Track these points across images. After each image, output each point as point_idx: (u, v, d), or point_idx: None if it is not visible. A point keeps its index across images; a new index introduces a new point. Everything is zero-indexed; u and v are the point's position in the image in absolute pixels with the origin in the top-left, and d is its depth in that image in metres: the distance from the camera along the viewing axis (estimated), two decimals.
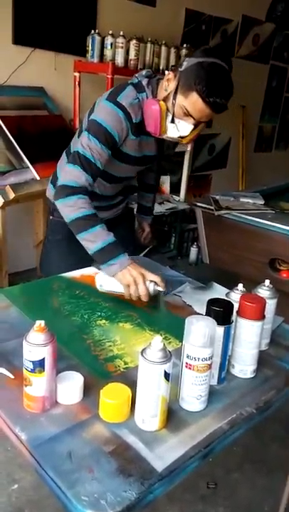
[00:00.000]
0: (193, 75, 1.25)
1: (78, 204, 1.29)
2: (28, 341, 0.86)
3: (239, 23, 4.17)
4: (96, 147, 1.32)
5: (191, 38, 3.64)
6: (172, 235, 3.87)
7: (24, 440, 0.84)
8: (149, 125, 1.36)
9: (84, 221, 1.29)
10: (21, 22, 2.67)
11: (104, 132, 1.33)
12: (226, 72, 1.28)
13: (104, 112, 1.35)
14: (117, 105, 1.34)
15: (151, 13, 3.34)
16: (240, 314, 1.02)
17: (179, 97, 1.30)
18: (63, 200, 1.31)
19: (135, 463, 0.80)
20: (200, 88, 1.24)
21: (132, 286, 1.25)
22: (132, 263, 1.27)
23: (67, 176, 1.33)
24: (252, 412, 0.96)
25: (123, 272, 1.26)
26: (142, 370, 0.86)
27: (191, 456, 0.84)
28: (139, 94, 1.36)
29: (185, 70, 1.28)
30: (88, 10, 2.98)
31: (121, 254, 1.27)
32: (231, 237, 2.31)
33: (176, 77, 1.30)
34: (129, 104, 1.34)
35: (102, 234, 1.29)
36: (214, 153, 4.52)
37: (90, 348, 1.12)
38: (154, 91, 1.38)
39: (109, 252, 1.27)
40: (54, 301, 1.34)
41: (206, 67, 1.25)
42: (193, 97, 1.27)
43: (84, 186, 1.32)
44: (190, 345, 0.89)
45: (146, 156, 1.50)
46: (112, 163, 1.44)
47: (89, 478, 0.76)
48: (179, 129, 1.34)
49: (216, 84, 1.25)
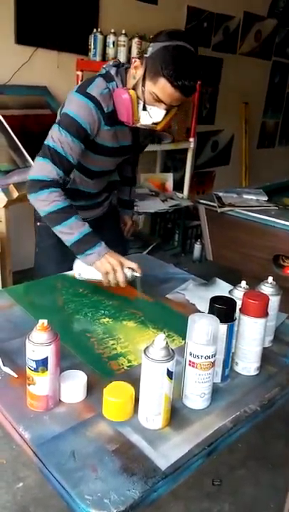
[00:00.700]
0: (160, 60, 1.23)
1: (51, 197, 1.30)
2: (31, 340, 0.86)
3: (241, 20, 4.15)
4: (67, 140, 1.31)
5: (192, 35, 3.62)
6: (176, 232, 3.87)
7: (28, 439, 0.84)
8: (121, 115, 1.35)
9: (58, 214, 1.30)
10: (24, 22, 2.67)
11: (75, 125, 1.31)
12: (192, 54, 1.27)
13: (75, 104, 1.33)
14: (86, 96, 1.32)
15: (153, 10, 3.32)
16: (243, 312, 1.01)
17: (148, 84, 1.29)
18: (36, 195, 1.31)
19: (139, 461, 0.80)
20: (167, 73, 1.23)
21: (111, 274, 1.29)
22: (108, 251, 1.31)
23: (38, 170, 1.32)
24: (256, 409, 0.96)
25: (101, 261, 1.29)
26: (145, 368, 0.86)
27: (195, 454, 0.84)
28: (108, 83, 1.34)
29: (151, 55, 1.26)
30: (90, 9, 2.97)
31: (98, 243, 1.30)
32: (235, 233, 2.30)
33: (143, 64, 1.29)
34: (99, 94, 1.32)
35: (77, 225, 1.31)
36: (217, 150, 4.50)
37: (93, 347, 1.12)
38: (123, 80, 1.37)
39: (86, 242, 1.30)
40: (58, 299, 1.34)
41: (171, 50, 1.23)
42: (161, 82, 1.25)
43: (55, 180, 1.31)
44: (193, 343, 0.89)
45: (123, 147, 1.49)
46: (89, 157, 1.43)
47: (92, 477, 0.77)
48: (151, 116, 1.33)
49: (183, 68, 1.23)
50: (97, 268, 1.31)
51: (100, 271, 1.31)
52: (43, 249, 1.65)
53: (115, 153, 1.49)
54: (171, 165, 3.96)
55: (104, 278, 1.31)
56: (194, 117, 3.37)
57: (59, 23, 2.83)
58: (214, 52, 4.00)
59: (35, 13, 2.71)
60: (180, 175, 3.82)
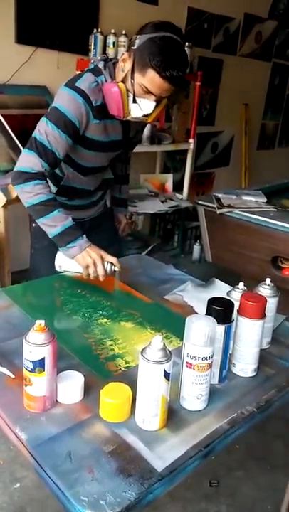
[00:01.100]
0: (147, 52, 1.24)
1: (36, 190, 1.30)
2: (28, 341, 0.86)
3: (241, 21, 4.15)
4: (53, 133, 1.31)
5: (193, 37, 3.62)
6: (175, 233, 3.87)
7: (24, 440, 0.84)
8: (111, 108, 1.35)
9: (42, 206, 1.31)
10: (24, 21, 2.67)
11: (63, 118, 1.31)
12: (179, 44, 1.27)
13: (63, 98, 1.34)
14: (75, 90, 1.32)
15: (153, 11, 3.32)
16: (240, 313, 1.01)
17: (137, 76, 1.29)
18: (21, 186, 1.31)
19: (135, 463, 0.80)
20: (155, 63, 1.23)
21: (91, 267, 1.32)
22: (90, 245, 1.33)
23: (24, 162, 1.32)
24: (253, 411, 0.96)
25: (82, 254, 1.32)
26: (142, 369, 0.86)
27: (192, 455, 0.83)
28: (97, 77, 1.34)
29: (138, 47, 1.26)
30: (90, 9, 2.97)
31: (79, 237, 1.32)
32: (234, 235, 2.30)
33: (131, 56, 1.29)
34: (88, 87, 1.32)
35: (60, 218, 1.32)
36: (217, 151, 4.50)
37: (91, 347, 1.12)
38: (111, 74, 1.37)
39: (68, 235, 1.32)
40: (56, 300, 1.34)
41: (158, 41, 1.23)
42: (150, 73, 1.26)
43: (40, 172, 1.32)
44: (190, 344, 0.89)
45: (113, 141, 1.48)
46: (81, 152, 1.43)
47: (89, 479, 0.76)
48: (142, 108, 1.33)
49: (171, 58, 1.24)
50: (78, 261, 1.33)
51: (81, 264, 1.33)
52: (38, 250, 1.64)
53: (106, 148, 1.48)
54: (171, 166, 3.96)
55: (84, 271, 1.34)
56: (194, 118, 3.37)
57: (59, 23, 2.83)
58: (214, 53, 4.00)
59: (35, 13, 2.71)
60: (180, 176, 3.82)
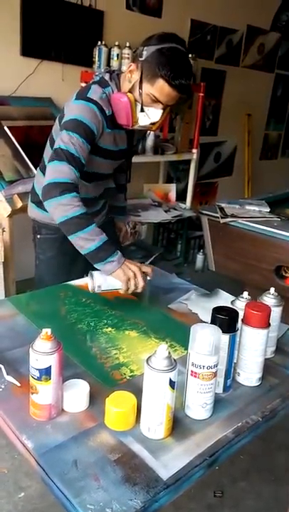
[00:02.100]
0: (156, 62, 1.29)
1: (74, 202, 1.28)
2: (35, 349, 0.87)
3: (244, 33, 4.20)
4: (78, 141, 1.32)
5: (196, 48, 3.67)
6: (178, 242, 3.88)
7: (30, 448, 0.84)
8: (120, 118, 1.39)
9: (81, 220, 1.28)
10: (29, 34, 2.71)
11: (83, 126, 1.33)
12: (185, 54, 1.34)
13: (79, 109, 1.36)
14: (88, 100, 1.36)
15: (157, 24, 3.37)
16: (245, 322, 1.02)
17: (145, 86, 1.34)
18: (58, 199, 1.27)
19: (141, 471, 0.81)
20: (165, 73, 1.29)
21: (132, 280, 1.30)
22: (126, 259, 1.32)
23: (56, 173, 1.30)
24: (258, 420, 0.96)
25: (122, 268, 1.29)
26: (147, 378, 0.86)
27: (197, 464, 0.84)
28: (104, 89, 1.38)
29: (146, 59, 1.32)
30: (95, 22, 3.02)
31: (116, 251, 1.31)
32: (237, 244, 2.31)
33: (139, 67, 1.34)
34: (99, 98, 1.36)
35: (97, 232, 1.30)
36: (220, 161, 4.53)
37: (96, 356, 1.13)
38: (117, 84, 1.42)
39: (107, 250, 1.29)
40: (61, 308, 1.35)
41: (165, 52, 1.29)
42: (159, 83, 1.31)
43: (75, 182, 1.31)
44: (195, 353, 0.89)
45: (121, 150, 1.52)
46: (91, 159, 1.44)
47: (95, 487, 0.77)
48: (150, 117, 1.38)
49: (179, 67, 1.30)
50: (118, 276, 1.29)
51: (122, 279, 1.29)
52: (43, 261, 1.64)
53: (114, 157, 1.52)
54: (174, 176, 3.99)
55: (124, 285, 1.30)
56: (197, 128, 3.40)
57: (64, 36, 2.87)
58: (217, 64, 4.04)
59: (40, 26, 2.76)
60: (183, 185, 3.84)
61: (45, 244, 1.57)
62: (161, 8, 3.39)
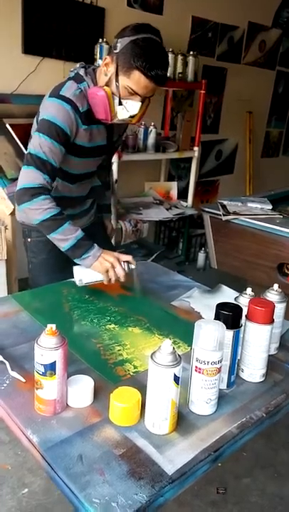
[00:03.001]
0: (131, 54, 1.28)
1: (44, 205, 1.31)
2: (40, 345, 0.87)
3: (245, 30, 4.18)
4: (47, 144, 1.31)
5: (197, 45, 3.66)
6: (180, 240, 3.88)
7: (36, 443, 0.85)
8: (98, 113, 1.36)
9: (52, 221, 1.32)
10: (31, 32, 2.71)
11: (54, 128, 1.32)
12: (160, 44, 1.32)
13: (50, 108, 1.34)
14: (61, 98, 1.33)
15: (158, 21, 3.36)
16: (249, 318, 1.02)
17: (121, 78, 1.32)
18: (29, 204, 1.31)
19: (146, 466, 0.81)
20: (140, 64, 1.27)
21: (111, 271, 1.34)
22: (103, 251, 1.36)
23: (25, 179, 1.32)
24: (262, 416, 0.96)
25: (99, 261, 1.34)
26: (152, 373, 0.87)
27: (201, 459, 0.84)
28: (80, 84, 1.36)
29: (121, 50, 1.30)
30: (96, 19, 3.02)
31: (91, 246, 1.35)
32: (239, 242, 2.31)
33: (114, 60, 1.32)
34: (73, 94, 1.34)
35: (71, 231, 1.33)
36: (221, 159, 4.52)
37: (99, 352, 1.13)
38: (93, 79, 1.39)
39: (82, 246, 1.34)
40: (64, 305, 1.35)
41: (140, 43, 1.28)
42: (135, 74, 1.30)
43: (44, 186, 1.32)
44: (199, 348, 0.90)
45: (99, 146, 1.50)
46: (69, 160, 1.43)
47: (100, 481, 0.77)
48: (128, 109, 1.36)
49: (154, 58, 1.29)
50: (97, 268, 1.35)
51: (100, 270, 1.34)
52: (36, 264, 1.64)
53: (93, 154, 1.50)
54: (176, 173, 3.98)
55: (105, 276, 1.35)
56: (199, 126, 3.40)
57: (65, 33, 2.87)
58: (219, 61, 4.03)
59: (42, 24, 2.75)
60: (184, 183, 3.84)
61: (36, 247, 1.56)
62: (162, 5, 3.38)
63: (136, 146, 3.02)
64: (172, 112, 3.66)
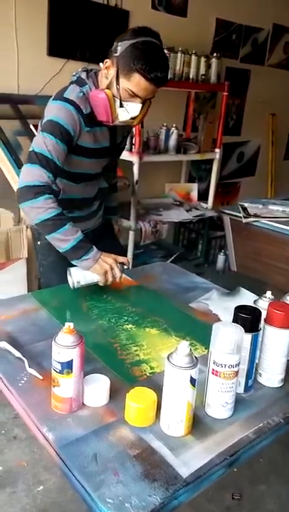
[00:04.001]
0: (131, 57, 1.30)
1: (47, 204, 1.30)
2: (57, 343, 0.88)
3: (270, 32, 4.14)
4: (52, 142, 1.32)
5: (221, 47, 3.64)
6: (199, 242, 3.85)
7: (51, 440, 0.85)
8: (100, 115, 1.38)
9: (54, 221, 1.31)
10: (56, 34, 2.74)
11: (58, 127, 1.33)
12: (159, 47, 1.35)
13: (55, 109, 1.36)
14: (65, 100, 1.35)
15: (182, 23, 3.36)
16: (268, 322, 1.01)
17: (122, 81, 1.34)
18: (31, 202, 1.30)
19: (160, 468, 0.81)
20: (140, 67, 1.29)
21: (109, 273, 1.36)
22: (101, 253, 1.36)
23: (29, 176, 1.32)
24: (279, 421, 0.95)
25: (98, 263, 1.35)
26: (168, 375, 0.86)
27: (217, 463, 0.83)
28: (82, 87, 1.38)
29: (121, 54, 1.32)
30: (120, 21, 3.03)
31: (91, 248, 1.35)
32: (259, 244, 2.29)
33: (114, 63, 1.34)
34: (76, 97, 1.36)
35: (72, 232, 1.33)
36: (243, 161, 4.48)
37: (116, 352, 1.13)
38: (95, 82, 1.41)
39: (81, 248, 1.33)
40: (82, 304, 1.36)
41: (139, 46, 1.30)
42: (135, 77, 1.31)
43: (48, 184, 1.32)
44: (217, 351, 0.89)
45: (102, 148, 1.51)
46: (71, 160, 1.44)
47: (114, 481, 0.77)
48: (129, 111, 1.38)
49: (154, 60, 1.31)
50: (96, 270, 1.35)
51: (99, 272, 1.36)
52: (47, 267, 1.64)
53: (95, 155, 1.50)
54: (196, 175, 3.96)
55: (102, 278, 1.36)
56: (221, 128, 3.38)
57: (89, 36, 2.89)
58: (242, 63, 4.00)
59: (67, 26, 2.78)
60: (205, 185, 3.82)
61: (45, 249, 1.56)
62: (186, 7, 3.37)
63: (157, 147, 3.02)
64: (194, 114, 3.65)
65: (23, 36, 2.62)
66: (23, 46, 2.64)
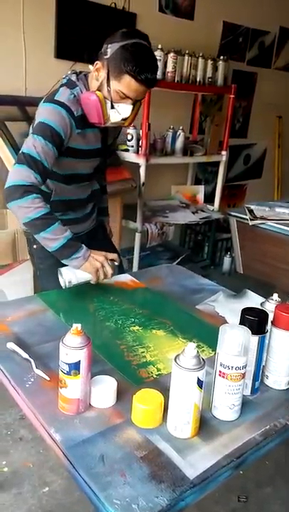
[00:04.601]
0: (121, 59, 1.31)
1: (35, 204, 1.30)
2: (65, 344, 0.88)
3: (277, 35, 4.14)
4: (41, 144, 1.32)
5: (228, 50, 3.65)
6: (205, 244, 3.86)
7: (58, 441, 0.86)
8: (92, 117, 1.39)
9: (42, 220, 1.31)
10: (63, 37, 2.76)
11: (49, 130, 1.34)
12: (148, 49, 1.36)
13: (46, 112, 1.36)
14: (56, 103, 1.36)
15: (189, 26, 3.37)
16: (275, 324, 1.01)
17: (113, 83, 1.35)
18: (19, 201, 1.30)
19: (167, 469, 0.81)
20: (130, 69, 1.31)
21: (100, 270, 1.36)
22: (91, 251, 1.36)
23: (16, 176, 1.31)
24: (286, 424, 0.94)
25: (89, 261, 1.35)
26: (175, 376, 0.86)
27: (223, 465, 0.83)
28: (72, 90, 1.38)
29: (111, 56, 1.33)
30: (127, 24, 3.04)
31: (80, 247, 1.35)
32: (266, 247, 2.28)
33: (105, 65, 1.35)
34: (67, 99, 1.36)
35: (61, 230, 1.33)
36: (249, 163, 4.48)
37: (123, 354, 1.14)
38: (85, 85, 1.42)
39: (71, 247, 1.34)
40: (89, 306, 1.37)
41: (129, 48, 1.32)
42: (126, 79, 1.33)
43: (35, 184, 1.32)
44: (224, 353, 0.89)
45: (93, 149, 1.51)
46: (64, 162, 1.44)
47: (121, 482, 0.77)
48: (120, 113, 1.40)
49: (144, 62, 1.33)
50: (87, 268, 1.35)
51: (90, 270, 1.36)
52: (45, 270, 1.63)
53: (86, 156, 1.51)
54: (203, 177, 3.97)
55: (94, 276, 1.37)
56: (227, 130, 3.38)
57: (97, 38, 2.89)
58: (249, 66, 4.01)
59: (74, 29, 2.80)
60: (211, 187, 3.82)
61: (42, 253, 1.55)
62: (193, 10, 3.38)
63: (164, 149, 3.03)
64: (201, 116, 3.65)
65: (31, 39, 2.64)
66: (31, 49, 2.66)
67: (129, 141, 2.90)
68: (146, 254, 3.25)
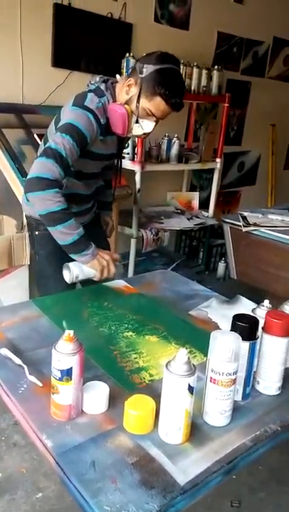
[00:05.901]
0: (155, 81, 1.40)
1: (56, 198, 1.35)
2: (57, 350, 0.89)
3: (270, 45, 4.19)
4: (69, 144, 1.38)
5: (222, 59, 3.69)
6: (200, 250, 3.87)
7: (50, 447, 0.86)
8: (117, 127, 1.48)
9: (61, 214, 1.36)
10: (60, 46, 2.78)
11: (77, 132, 1.40)
12: (180, 75, 1.50)
13: (76, 115, 1.42)
14: (85, 109, 1.43)
15: (184, 36, 3.41)
16: (265, 330, 1.02)
17: (143, 101, 1.44)
18: (41, 193, 1.34)
19: (158, 475, 0.81)
20: (163, 92, 1.41)
21: (105, 269, 1.43)
22: (98, 250, 1.44)
23: (42, 168, 1.35)
24: (276, 429, 0.95)
25: (97, 259, 1.42)
26: (166, 382, 0.87)
27: (214, 471, 0.84)
28: (100, 98, 1.46)
29: (146, 76, 1.42)
30: (124, 34, 3.08)
31: (90, 244, 1.42)
32: (259, 253, 2.30)
33: (138, 83, 1.43)
34: (95, 107, 1.44)
35: (76, 226, 1.39)
36: (244, 171, 4.51)
37: (116, 360, 1.14)
38: (112, 95, 1.50)
39: (83, 243, 1.40)
40: (83, 312, 1.37)
41: (164, 73, 1.41)
42: (156, 100, 1.43)
43: (58, 180, 1.37)
44: (215, 359, 0.90)
45: (110, 154, 1.62)
46: (80, 161, 1.49)
47: (112, 489, 0.78)
48: (143, 128, 1.50)
49: (175, 88, 1.43)
50: (94, 266, 1.42)
51: (97, 268, 1.42)
52: (44, 256, 1.69)
53: (102, 158, 1.59)
54: (198, 184, 3.99)
55: (99, 274, 1.42)
56: (222, 138, 3.41)
57: (94, 48, 2.94)
58: (243, 75, 4.05)
59: (71, 38, 2.82)
60: (206, 194, 3.85)
61: (43, 239, 1.62)
62: (188, 20, 3.42)
63: (159, 156, 3.05)
64: (196, 124, 3.69)
65: (28, 48, 2.66)
66: (28, 57, 2.68)
67: (125, 149, 2.92)
68: (142, 260, 3.26)
